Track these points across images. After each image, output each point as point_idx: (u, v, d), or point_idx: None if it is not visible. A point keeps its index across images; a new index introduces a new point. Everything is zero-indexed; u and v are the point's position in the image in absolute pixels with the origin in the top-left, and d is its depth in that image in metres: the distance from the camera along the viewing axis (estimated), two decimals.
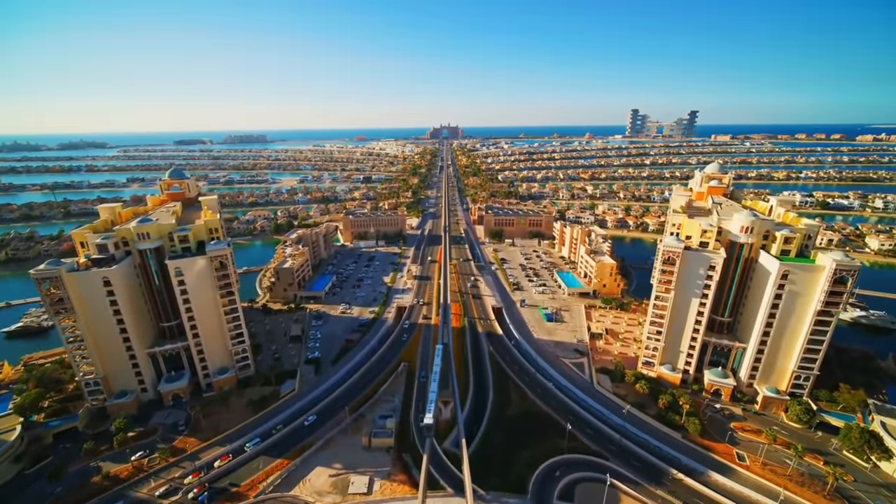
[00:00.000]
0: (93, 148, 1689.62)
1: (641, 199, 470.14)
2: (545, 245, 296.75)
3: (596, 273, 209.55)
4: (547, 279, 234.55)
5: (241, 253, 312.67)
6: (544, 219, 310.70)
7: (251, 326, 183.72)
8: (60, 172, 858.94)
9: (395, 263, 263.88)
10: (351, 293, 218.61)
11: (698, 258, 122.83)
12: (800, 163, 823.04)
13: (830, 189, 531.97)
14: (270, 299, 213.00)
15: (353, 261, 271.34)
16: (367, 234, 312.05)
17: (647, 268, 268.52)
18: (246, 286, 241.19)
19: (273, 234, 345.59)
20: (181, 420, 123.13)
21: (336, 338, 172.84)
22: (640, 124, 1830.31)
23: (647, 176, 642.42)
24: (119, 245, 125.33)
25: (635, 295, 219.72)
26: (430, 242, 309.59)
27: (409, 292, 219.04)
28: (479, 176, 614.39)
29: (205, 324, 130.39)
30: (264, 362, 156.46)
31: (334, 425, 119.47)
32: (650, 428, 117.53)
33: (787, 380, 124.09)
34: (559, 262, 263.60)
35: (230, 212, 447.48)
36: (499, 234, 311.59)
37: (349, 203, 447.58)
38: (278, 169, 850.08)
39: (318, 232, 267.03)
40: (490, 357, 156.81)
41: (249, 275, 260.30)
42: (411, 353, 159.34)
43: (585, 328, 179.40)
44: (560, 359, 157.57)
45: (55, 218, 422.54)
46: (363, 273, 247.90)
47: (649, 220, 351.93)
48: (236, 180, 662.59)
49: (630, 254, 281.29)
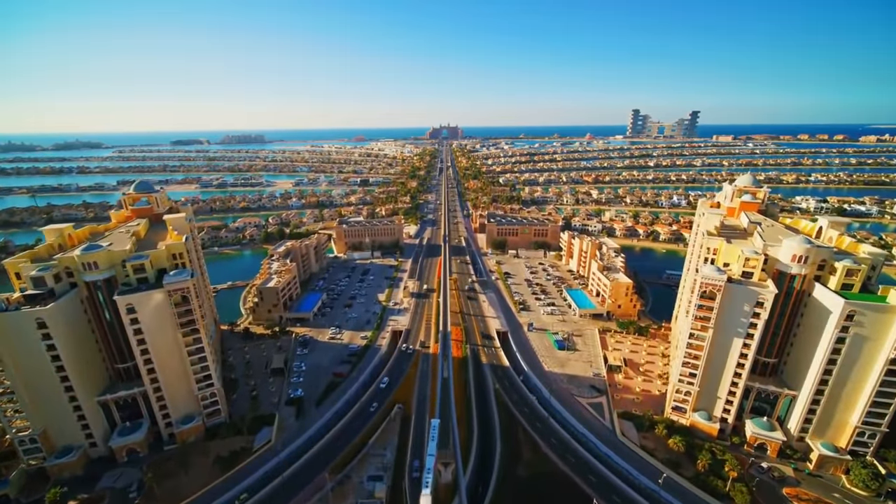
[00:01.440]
0: (88, 148, 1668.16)
1: (649, 205, 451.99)
2: (552, 257, 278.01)
3: (610, 293, 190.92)
4: (555, 297, 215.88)
5: (228, 264, 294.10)
6: (550, 228, 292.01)
7: (229, 355, 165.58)
8: (51, 174, 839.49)
9: (390, 278, 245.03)
10: (342, 314, 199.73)
11: (744, 293, 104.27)
12: (806, 165, 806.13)
13: (842, 193, 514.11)
14: (254, 321, 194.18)
15: (345, 275, 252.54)
16: (362, 244, 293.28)
17: (664, 283, 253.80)
18: (230, 304, 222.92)
19: (263, 244, 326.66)
20: (133, 483, 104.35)
21: (323, 371, 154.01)
22: (641, 125, 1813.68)
23: (653, 179, 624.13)
24: (62, 276, 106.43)
25: (652, 316, 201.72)
26: (429, 253, 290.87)
27: (405, 313, 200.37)
28: (480, 179, 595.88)
29: (165, 366, 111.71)
30: (240, 402, 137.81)
31: (312, 492, 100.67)
32: (689, 496, 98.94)
33: (847, 436, 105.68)
34: (567, 276, 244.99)
35: (220, 217, 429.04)
36: (502, 244, 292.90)
37: (344, 209, 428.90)
38: (274, 171, 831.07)
39: (308, 244, 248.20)
40: (496, 395, 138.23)
41: (235, 290, 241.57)
42: (407, 392, 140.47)
43: (601, 358, 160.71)
44: (575, 397, 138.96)
45: (37, 224, 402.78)
46: (356, 290, 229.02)
47: (660, 228, 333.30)
48: (230, 183, 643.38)
49: (642, 266, 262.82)
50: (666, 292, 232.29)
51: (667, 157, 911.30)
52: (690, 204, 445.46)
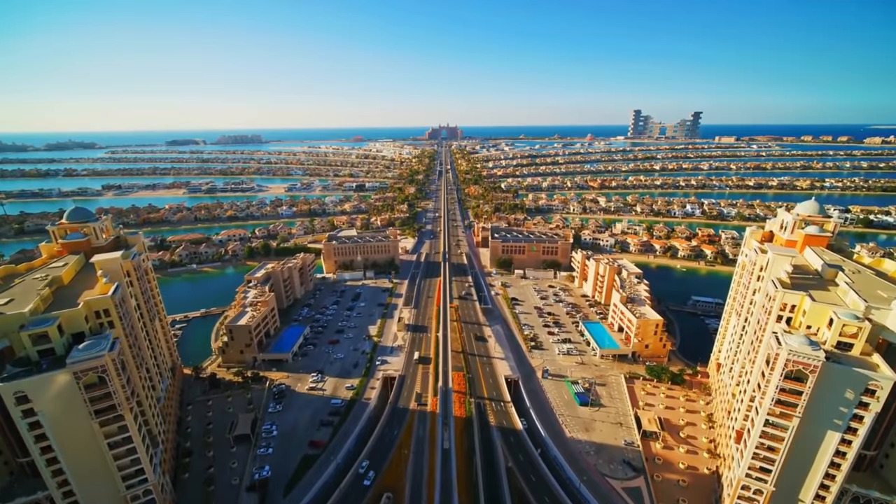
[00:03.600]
0: (81, 149, 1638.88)
1: (661, 214, 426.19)
2: (563, 278, 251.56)
3: (637, 331, 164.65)
4: (571, 331, 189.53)
5: (205, 285, 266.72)
6: (560, 246, 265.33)
7: (188, 412, 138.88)
8: (36, 177, 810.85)
9: (383, 305, 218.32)
10: (325, 355, 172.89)
11: (849, 377, 77.90)
12: (816, 168, 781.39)
13: (860, 201, 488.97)
14: (223, 363, 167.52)
15: (334, 300, 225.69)
16: (354, 262, 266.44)
17: (690, 311, 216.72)
18: (201, 337, 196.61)
19: (246, 260, 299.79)
20: None
21: (297, 436, 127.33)
22: (642, 125, 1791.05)
23: (661, 184, 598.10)
24: None
25: (683, 354, 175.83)
26: (428, 272, 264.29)
27: (399, 352, 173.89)
28: (481, 184, 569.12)
29: (77, 463, 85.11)
30: (192, 484, 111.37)
31: None
32: None
33: None
34: (582, 303, 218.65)
35: (206, 227, 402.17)
36: (507, 263, 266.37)
37: (337, 218, 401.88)
38: (268, 174, 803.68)
39: (292, 266, 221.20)
40: (508, 476, 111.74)
41: (209, 319, 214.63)
42: (397, 473, 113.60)
43: (632, 417, 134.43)
44: (606, 478, 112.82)
45: (6, 235, 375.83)
46: (344, 320, 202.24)
47: (678, 243, 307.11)
48: (219, 188, 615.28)
49: (663, 289, 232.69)
50: (694, 323, 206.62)
51: (672, 161, 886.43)
52: (705, 213, 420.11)
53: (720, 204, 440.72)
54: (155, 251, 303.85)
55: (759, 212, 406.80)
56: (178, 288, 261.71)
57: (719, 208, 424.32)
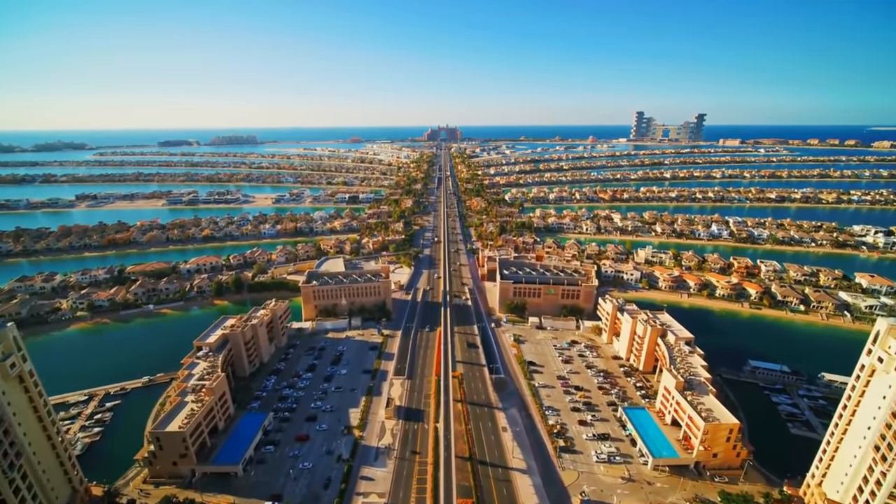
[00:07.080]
0: (70, 149, 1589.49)
1: (683, 235, 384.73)
2: (587, 330, 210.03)
3: (704, 437, 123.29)
4: (608, 418, 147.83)
5: (160, 333, 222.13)
6: (583, 290, 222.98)
7: None
8: (12, 184, 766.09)
9: (370, 372, 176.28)
10: (289, 461, 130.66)
11: None
12: (835, 176, 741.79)
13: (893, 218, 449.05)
14: (151, 477, 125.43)
15: (309, 362, 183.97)
16: (338, 307, 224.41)
17: (748, 380, 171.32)
18: (136, 424, 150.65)
19: (214, 298, 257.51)
20: None
21: None
22: (645, 127, 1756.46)
23: (676, 196, 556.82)
24: None
25: (759, 459, 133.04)
26: (425, 318, 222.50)
27: (386, 455, 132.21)
28: (483, 196, 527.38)
29: None
30: None
31: None
32: None
33: None
34: (615, 368, 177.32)
35: (179, 251, 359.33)
36: (520, 308, 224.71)
37: (325, 240, 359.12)
38: (257, 181, 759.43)
39: (256, 324, 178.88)
40: None
41: (152, 390, 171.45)
42: None
43: None
44: None
45: None
46: (319, 397, 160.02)
47: (714, 279, 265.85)
48: (202, 199, 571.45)
49: (705, 344, 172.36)
50: (759, 402, 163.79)
51: (680, 167, 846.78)
52: (733, 235, 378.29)
53: (746, 223, 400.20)
54: (109, 287, 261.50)
55: (794, 234, 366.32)
56: (124, 340, 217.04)
57: (748, 229, 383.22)
